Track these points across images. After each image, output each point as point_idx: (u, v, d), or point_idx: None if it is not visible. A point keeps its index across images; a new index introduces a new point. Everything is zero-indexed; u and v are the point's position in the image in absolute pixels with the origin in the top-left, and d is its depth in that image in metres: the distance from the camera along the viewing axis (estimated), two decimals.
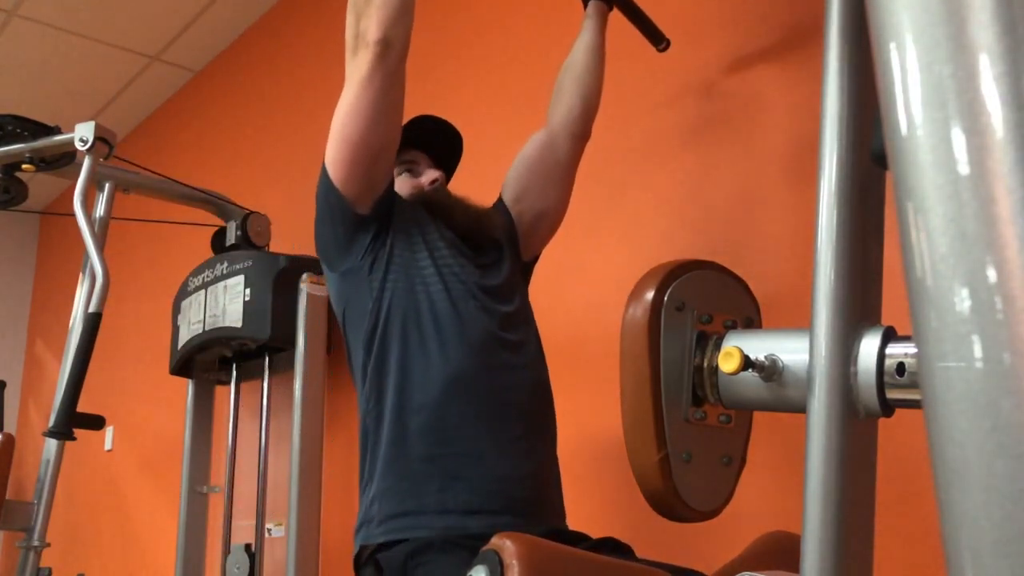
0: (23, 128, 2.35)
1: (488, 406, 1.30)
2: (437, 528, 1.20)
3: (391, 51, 1.28)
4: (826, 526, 0.60)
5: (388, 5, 1.27)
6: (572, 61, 1.64)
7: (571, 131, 1.58)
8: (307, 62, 3.13)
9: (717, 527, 1.06)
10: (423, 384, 1.29)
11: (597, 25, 1.66)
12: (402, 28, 1.29)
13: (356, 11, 1.30)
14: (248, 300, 2.35)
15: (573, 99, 1.60)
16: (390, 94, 1.31)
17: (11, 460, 2.33)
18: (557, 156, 1.57)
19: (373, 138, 1.32)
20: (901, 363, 0.62)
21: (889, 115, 0.47)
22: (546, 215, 1.57)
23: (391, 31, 1.27)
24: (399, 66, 1.31)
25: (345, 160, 1.33)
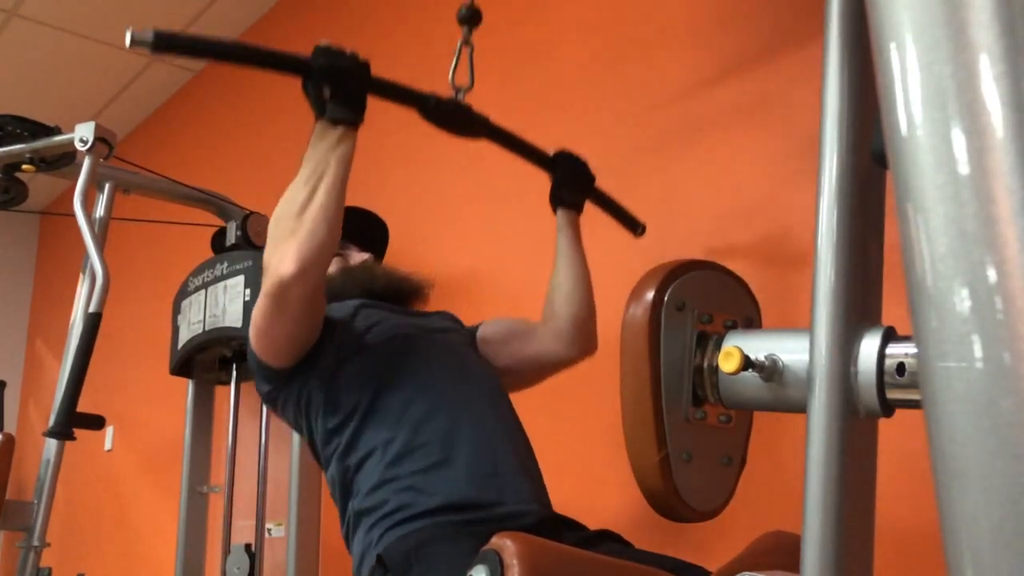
0: (23, 128, 2.35)
1: (461, 420, 1.33)
2: (438, 519, 1.21)
3: (304, 286, 1.24)
4: (826, 526, 0.60)
5: (311, 241, 1.22)
6: (556, 281, 1.59)
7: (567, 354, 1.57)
8: None
9: (717, 527, 1.06)
10: (391, 422, 1.32)
11: (571, 237, 1.59)
12: (320, 265, 1.25)
13: (276, 239, 1.25)
14: (248, 300, 2.34)
15: (565, 325, 1.56)
16: (306, 313, 1.30)
17: (11, 460, 2.33)
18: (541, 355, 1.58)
19: (293, 345, 1.34)
20: (901, 363, 0.62)
21: (889, 115, 0.47)
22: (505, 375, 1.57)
23: (309, 267, 1.22)
24: (313, 296, 1.28)
25: (271, 356, 1.35)
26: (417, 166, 2.52)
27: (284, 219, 1.25)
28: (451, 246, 2.36)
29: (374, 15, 2.85)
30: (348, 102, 1.25)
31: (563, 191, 1.59)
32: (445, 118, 1.38)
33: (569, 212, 1.60)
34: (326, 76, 1.23)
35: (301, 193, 1.24)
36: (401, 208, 2.55)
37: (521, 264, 2.13)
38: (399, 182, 2.57)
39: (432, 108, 1.37)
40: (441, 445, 1.29)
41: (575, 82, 2.10)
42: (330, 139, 1.25)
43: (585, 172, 1.61)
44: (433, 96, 1.37)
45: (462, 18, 1.47)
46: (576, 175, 1.60)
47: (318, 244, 1.22)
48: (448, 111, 1.38)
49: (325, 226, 1.23)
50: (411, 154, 2.56)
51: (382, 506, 1.25)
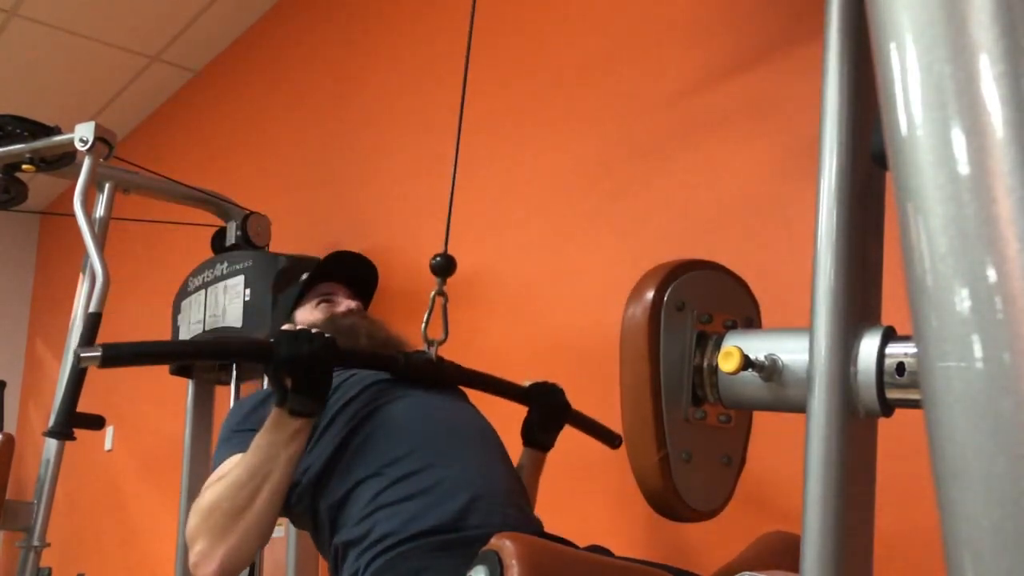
0: (23, 128, 2.35)
1: (439, 450, 1.32)
2: (426, 540, 1.20)
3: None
4: (826, 526, 0.60)
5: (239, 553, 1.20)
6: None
7: None
8: (307, 62, 3.13)
9: (717, 527, 1.06)
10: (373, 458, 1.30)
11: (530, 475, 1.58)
12: (243, 567, 1.22)
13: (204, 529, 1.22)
14: (248, 300, 2.35)
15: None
16: None
17: (11, 460, 2.33)
18: None
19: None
20: (901, 363, 0.62)
21: (889, 115, 0.47)
22: None
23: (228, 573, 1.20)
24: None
25: None
26: (417, 167, 2.52)
27: (217, 512, 1.21)
28: (451, 247, 2.36)
29: (373, 15, 2.85)
30: (310, 392, 1.22)
31: (535, 430, 1.58)
32: (416, 373, 1.42)
33: (536, 452, 1.59)
34: (288, 366, 1.20)
35: (242, 493, 1.21)
36: (401, 208, 2.55)
37: (520, 264, 2.13)
38: (399, 183, 2.57)
39: (402, 366, 1.41)
40: (425, 474, 1.27)
41: (575, 82, 2.10)
42: (285, 432, 1.22)
43: (559, 404, 1.60)
44: (402, 354, 1.42)
45: (435, 268, 1.46)
46: (551, 410, 1.59)
47: (246, 553, 1.21)
48: (419, 366, 1.42)
49: (258, 539, 1.22)
50: (411, 154, 2.56)
51: (368, 535, 1.23)
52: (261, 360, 1.24)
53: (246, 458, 1.24)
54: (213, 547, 1.20)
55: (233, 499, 1.21)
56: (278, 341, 1.21)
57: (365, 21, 2.89)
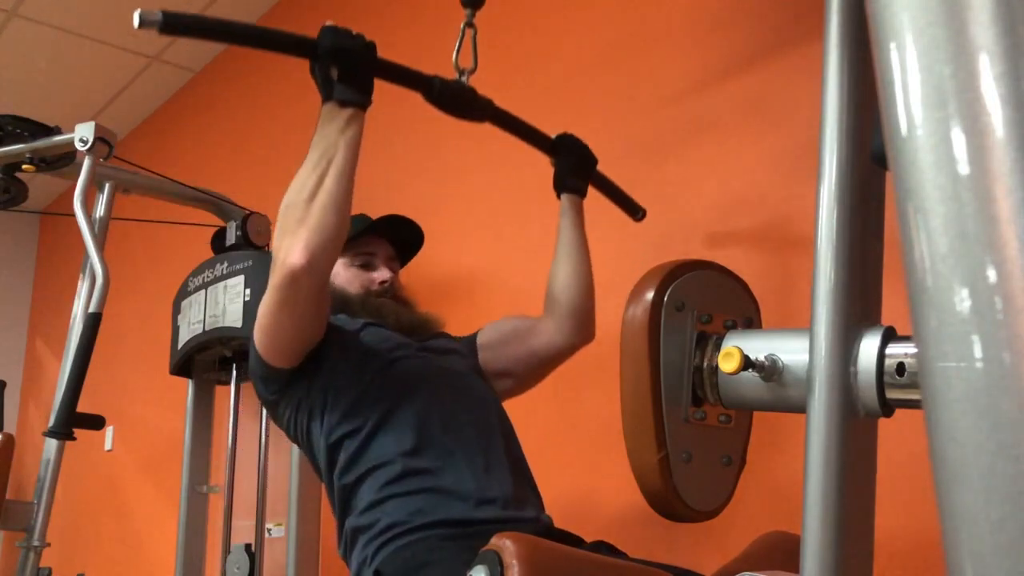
0: (23, 128, 2.35)
1: (459, 436, 1.33)
2: (434, 532, 1.21)
3: (313, 277, 1.22)
4: (826, 526, 0.60)
5: (320, 232, 1.20)
6: (557, 268, 1.59)
7: (566, 342, 1.57)
8: (306, 62, 3.13)
9: (717, 527, 1.06)
10: (399, 434, 1.31)
11: (574, 221, 1.59)
12: (329, 256, 1.24)
13: (284, 228, 1.24)
14: (248, 300, 2.34)
15: (565, 311, 1.56)
16: (312, 307, 1.29)
17: (11, 460, 2.33)
18: (542, 350, 1.57)
19: (301, 341, 1.33)
20: (901, 363, 0.62)
21: (889, 115, 0.47)
22: (508, 377, 1.58)
23: (317, 258, 1.21)
24: (321, 288, 1.27)
25: (275, 353, 1.34)
26: (418, 166, 2.52)
27: (292, 208, 1.22)
28: (452, 246, 2.36)
29: (373, 15, 2.85)
30: (355, 83, 1.24)
31: (566, 176, 1.60)
32: (449, 101, 1.38)
33: (572, 196, 1.60)
34: (333, 57, 1.23)
35: (310, 180, 1.22)
36: (401, 208, 2.55)
37: (521, 264, 2.13)
38: (400, 182, 2.57)
39: (436, 91, 1.36)
40: (441, 467, 1.28)
41: (575, 81, 2.10)
42: (338, 121, 1.24)
43: (587, 156, 1.61)
44: (437, 79, 1.37)
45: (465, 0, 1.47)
46: (578, 159, 1.60)
47: (327, 234, 1.20)
48: (452, 94, 1.38)
49: (335, 215, 1.21)
50: (412, 153, 2.56)
51: (378, 523, 1.24)
52: (306, 52, 1.25)
53: (307, 157, 1.25)
54: (295, 236, 1.20)
55: (301, 190, 1.22)
56: (323, 34, 1.25)
57: (365, 21, 2.88)
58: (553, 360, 1.59)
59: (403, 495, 1.26)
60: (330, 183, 1.21)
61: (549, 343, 1.56)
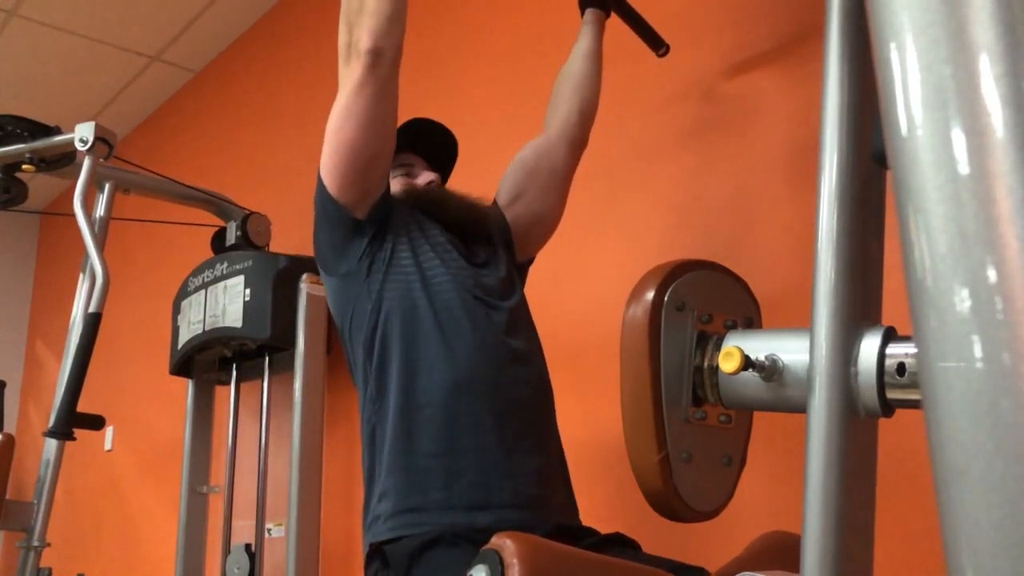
0: (23, 128, 2.35)
1: (493, 402, 1.30)
2: (443, 523, 1.21)
3: (383, 60, 1.29)
4: (826, 526, 0.60)
5: (380, 14, 1.28)
6: (569, 69, 1.64)
7: (568, 139, 1.59)
8: (307, 62, 3.13)
9: (717, 527, 1.06)
10: (428, 382, 1.29)
11: (594, 32, 1.66)
12: (394, 37, 1.30)
13: (348, 20, 1.31)
14: (248, 300, 2.35)
15: (571, 107, 1.60)
16: (383, 102, 1.32)
17: (11, 460, 2.33)
18: (553, 162, 1.58)
19: (367, 145, 1.33)
20: (901, 363, 0.62)
21: (889, 115, 0.47)
22: (541, 219, 1.58)
23: (383, 40, 1.28)
24: (392, 74, 1.31)
25: (340, 167, 1.34)
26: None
27: (349, 3, 1.31)
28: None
29: None
30: None
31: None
32: None
33: (596, 11, 1.68)
34: None
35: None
36: None
37: None
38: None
39: None
40: (470, 441, 1.26)
41: None
42: None
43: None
44: None
45: None
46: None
47: (388, 14, 1.28)
48: None
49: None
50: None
51: (396, 495, 1.24)
52: None
53: None
54: (359, 26, 1.29)
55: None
56: None
57: None
58: (567, 175, 1.61)
59: (419, 471, 1.25)
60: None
61: (560, 156, 1.59)
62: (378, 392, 1.32)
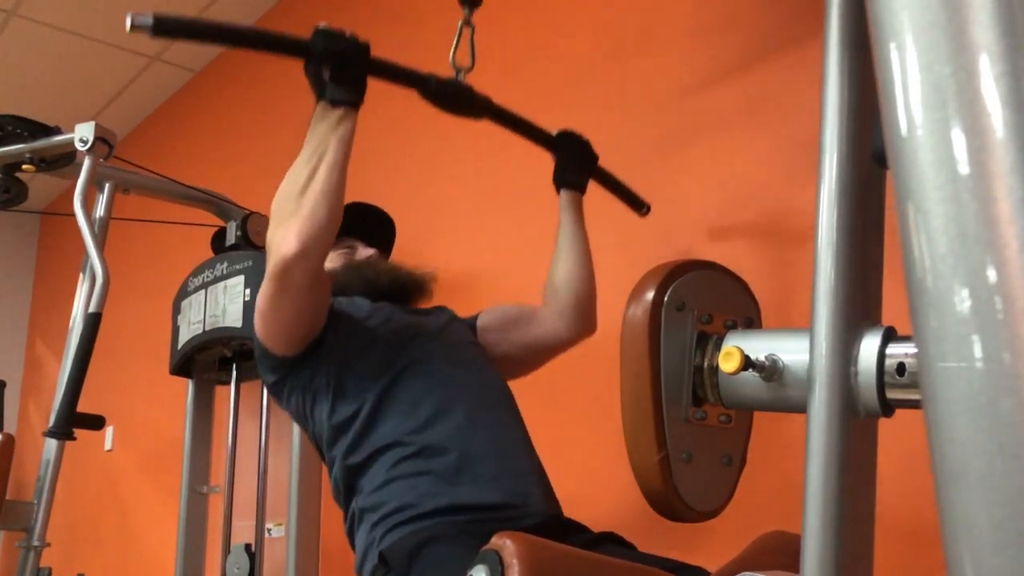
0: (23, 128, 2.35)
1: (462, 416, 1.33)
2: (441, 519, 1.21)
3: (307, 266, 1.24)
4: (826, 526, 0.60)
5: (313, 221, 1.22)
6: (557, 263, 1.60)
7: (567, 334, 1.58)
8: None
9: (717, 527, 1.06)
10: (398, 423, 1.32)
11: (574, 218, 1.60)
12: (322, 245, 1.25)
13: (278, 218, 1.26)
14: (248, 300, 2.34)
15: (566, 304, 1.57)
16: (309, 295, 1.30)
17: (11, 460, 2.33)
18: (541, 340, 1.59)
19: (298, 329, 1.34)
20: (901, 363, 0.62)
21: (889, 115, 0.47)
22: (507, 361, 1.59)
23: (311, 247, 1.23)
24: (316, 276, 1.28)
25: (275, 341, 1.36)
26: (418, 164, 2.52)
27: (285, 199, 1.26)
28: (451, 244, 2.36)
29: (374, 14, 2.85)
30: (348, 83, 1.25)
31: (566, 172, 1.60)
32: (446, 99, 1.38)
33: (572, 192, 1.61)
34: (325, 58, 1.24)
35: (302, 173, 1.25)
36: (402, 207, 2.55)
37: (522, 263, 2.13)
38: (400, 180, 2.57)
39: (433, 89, 1.36)
40: (448, 447, 1.29)
41: (575, 81, 2.10)
42: (330, 120, 1.25)
43: (588, 152, 1.62)
44: (433, 77, 1.37)
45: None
46: (579, 155, 1.61)
47: (319, 224, 1.23)
48: (449, 92, 1.38)
49: (326, 206, 1.23)
50: (412, 152, 2.55)
51: (385, 504, 1.25)
52: (300, 53, 1.26)
53: (300, 154, 1.27)
54: (289, 226, 1.24)
55: (294, 183, 1.25)
56: (316, 36, 1.26)
57: (366, 20, 2.89)
58: (553, 349, 1.60)
59: (411, 476, 1.26)
60: (322, 176, 1.24)
61: (551, 333, 1.57)
62: (349, 445, 1.33)
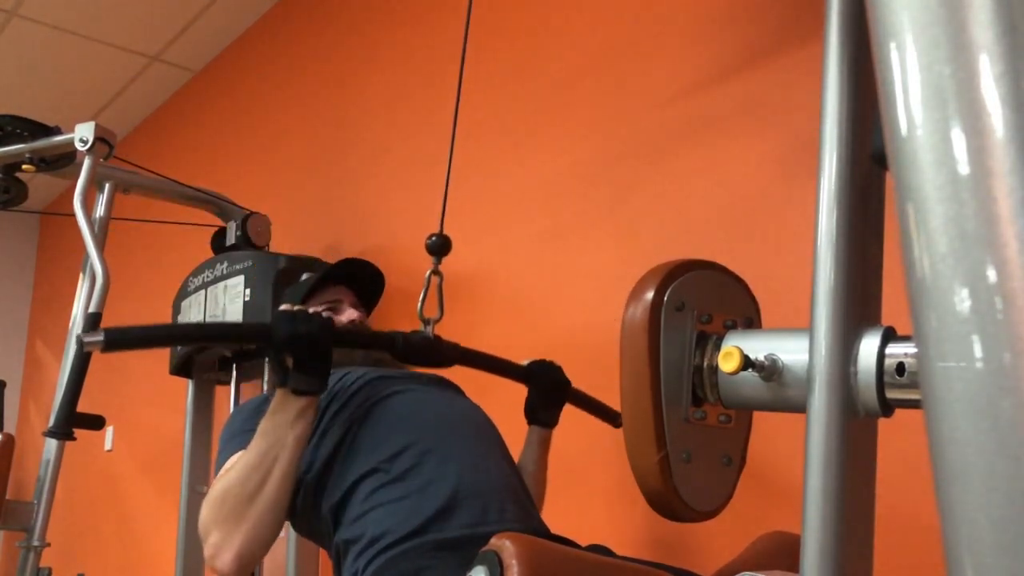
0: (23, 128, 2.35)
1: (438, 444, 1.31)
2: (423, 539, 1.19)
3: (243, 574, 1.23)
4: (826, 526, 0.60)
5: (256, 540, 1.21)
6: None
7: None
8: (306, 62, 3.13)
9: (717, 527, 1.06)
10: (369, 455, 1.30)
11: (538, 456, 1.59)
12: (260, 557, 1.24)
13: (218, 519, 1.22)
14: (248, 300, 2.35)
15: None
16: None
17: (11, 460, 2.34)
18: None
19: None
20: (901, 363, 0.62)
21: (889, 115, 0.47)
22: None
23: (247, 563, 1.21)
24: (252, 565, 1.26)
25: None
26: (418, 166, 2.52)
27: (230, 498, 1.22)
28: None
29: (373, 15, 2.85)
30: (310, 371, 1.23)
31: (538, 409, 1.59)
32: (414, 354, 1.40)
33: (542, 431, 1.60)
34: (287, 345, 1.21)
35: (253, 477, 1.22)
36: (401, 208, 2.55)
37: (520, 264, 2.13)
38: (400, 183, 2.57)
39: (400, 347, 1.38)
40: (423, 470, 1.27)
41: (574, 82, 2.10)
42: (291, 412, 1.23)
43: (559, 382, 1.61)
44: (400, 335, 1.39)
45: (431, 248, 1.45)
46: (551, 387, 1.60)
47: (263, 542, 1.22)
48: (417, 346, 1.40)
49: (272, 520, 1.23)
50: (412, 154, 2.56)
51: (367, 533, 1.22)
52: (261, 340, 1.26)
53: (254, 443, 1.24)
54: (229, 536, 1.20)
55: (244, 484, 1.21)
56: (276, 321, 1.22)
57: (365, 21, 2.89)
58: None
59: (390, 502, 1.24)
60: (272, 486, 1.22)
61: None
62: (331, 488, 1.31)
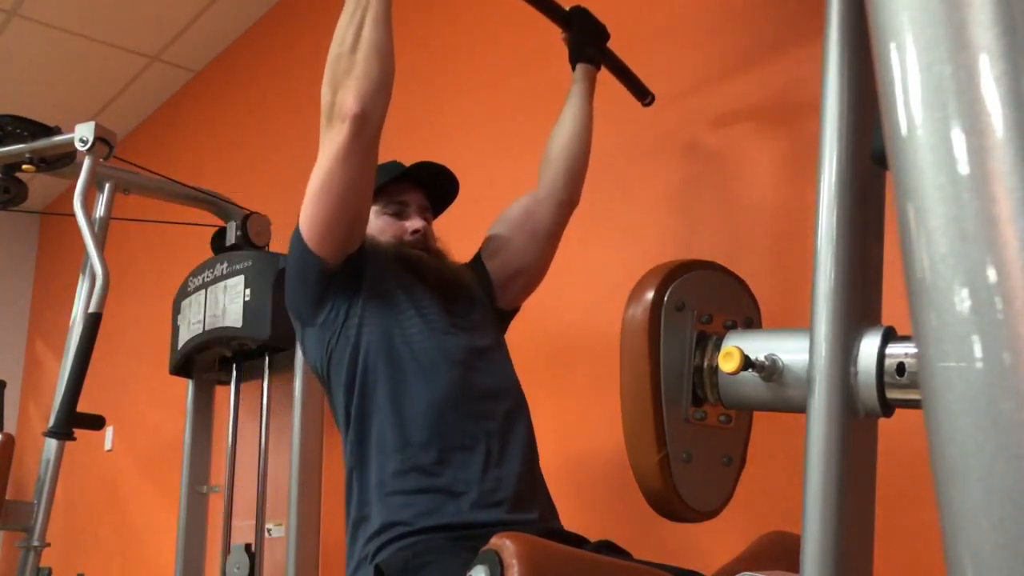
0: (23, 128, 2.35)
1: (474, 427, 1.32)
2: (440, 534, 1.21)
3: (368, 126, 1.27)
4: (826, 526, 0.60)
5: (369, 79, 1.26)
6: (560, 129, 1.63)
7: (556, 199, 1.59)
8: (307, 62, 3.13)
9: (717, 527, 1.06)
10: (410, 420, 1.30)
11: (585, 90, 1.64)
12: (381, 103, 1.28)
13: (333, 81, 1.29)
14: (248, 300, 2.35)
15: (559, 168, 1.60)
16: (364, 167, 1.31)
17: (11, 460, 2.33)
18: (537, 222, 1.59)
19: (348, 209, 1.33)
20: (901, 363, 0.62)
21: (889, 115, 0.47)
22: (522, 273, 1.59)
23: (370, 106, 1.26)
24: (375, 139, 1.30)
25: (323, 226, 1.34)
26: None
27: (336, 61, 1.29)
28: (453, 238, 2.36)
29: None
30: None
31: (582, 46, 1.67)
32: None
33: (587, 67, 1.67)
34: None
35: (349, 31, 1.28)
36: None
37: None
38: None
39: None
40: (449, 463, 1.27)
41: None
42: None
43: (600, 28, 1.68)
44: None
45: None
46: (593, 30, 1.67)
47: (375, 81, 1.26)
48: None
49: (379, 61, 1.27)
50: (411, 153, 2.55)
51: (379, 518, 1.24)
52: None
53: (342, 11, 1.31)
54: (345, 87, 1.27)
55: (342, 41, 1.29)
56: None
57: None
58: (553, 233, 1.61)
59: (407, 493, 1.25)
60: (368, 31, 1.27)
61: (546, 214, 1.59)
62: (360, 434, 1.33)
